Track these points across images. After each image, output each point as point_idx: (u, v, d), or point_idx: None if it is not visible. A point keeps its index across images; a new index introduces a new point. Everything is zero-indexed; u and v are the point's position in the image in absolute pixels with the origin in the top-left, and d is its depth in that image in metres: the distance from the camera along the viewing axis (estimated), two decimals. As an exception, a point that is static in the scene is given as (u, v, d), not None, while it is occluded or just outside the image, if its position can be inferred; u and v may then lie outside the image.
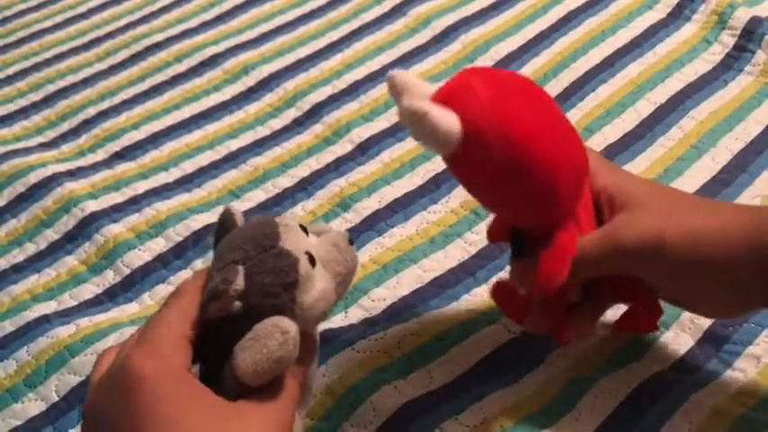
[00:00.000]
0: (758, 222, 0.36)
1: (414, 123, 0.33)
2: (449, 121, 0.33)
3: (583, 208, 0.39)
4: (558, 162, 0.36)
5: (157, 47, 0.78)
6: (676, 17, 0.71)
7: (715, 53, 0.67)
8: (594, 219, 0.40)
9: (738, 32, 0.67)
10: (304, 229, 0.37)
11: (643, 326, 0.45)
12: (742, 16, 0.68)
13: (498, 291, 0.44)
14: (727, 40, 0.67)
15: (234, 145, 0.65)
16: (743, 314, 0.43)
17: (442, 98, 0.34)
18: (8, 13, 0.88)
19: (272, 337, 0.32)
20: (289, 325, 0.33)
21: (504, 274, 0.51)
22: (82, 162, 0.65)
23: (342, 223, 0.56)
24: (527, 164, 0.35)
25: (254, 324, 0.33)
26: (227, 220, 0.38)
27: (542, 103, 0.37)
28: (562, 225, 0.38)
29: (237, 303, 0.34)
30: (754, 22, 0.67)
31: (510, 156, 0.34)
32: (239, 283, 0.33)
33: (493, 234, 0.44)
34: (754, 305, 0.39)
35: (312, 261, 0.35)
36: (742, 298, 0.38)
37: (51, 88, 0.75)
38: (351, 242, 0.37)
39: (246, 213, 0.58)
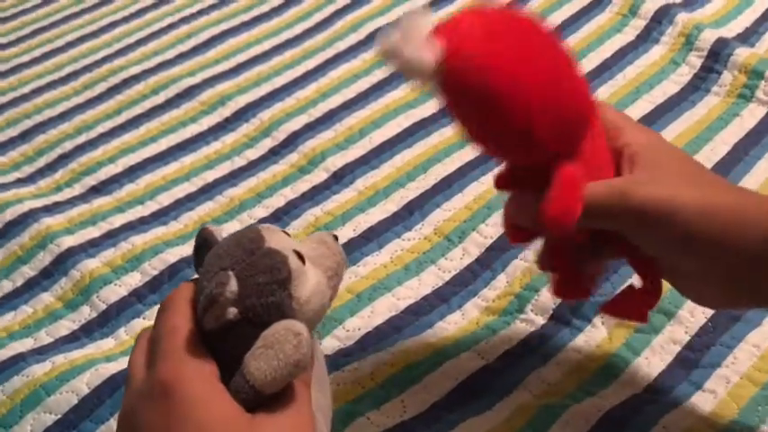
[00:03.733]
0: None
1: (389, 58, 0.34)
2: (426, 53, 0.33)
3: (593, 154, 0.38)
4: (534, 104, 0.34)
5: (134, 79, 0.79)
6: (645, 39, 0.73)
7: (683, 74, 0.68)
8: (613, 169, 0.39)
9: (705, 54, 0.68)
10: (287, 234, 0.37)
11: (635, 312, 0.41)
12: (708, 38, 0.69)
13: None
14: (695, 61, 0.68)
15: (210, 176, 0.66)
16: (735, 306, 0.42)
17: (435, 29, 0.35)
18: (-14, 48, 0.89)
19: (286, 341, 0.32)
20: (300, 327, 0.32)
21: (478, 300, 0.52)
22: (58, 197, 0.66)
23: (317, 253, 0.57)
24: (499, 98, 0.34)
25: (254, 328, 0.33)
26: (207, 238, 0.37)
27: (536, 46, 0.36)
28: (561, 163, 0.37)
29: (233, 310, 0.33)
30: (720, 43, 0.68)
31: (485, 86, 0.34)
32: (233, 285, 0.32)
33: (501, 179, 0.42)
34: (749, 299, 0.38)
35: (301, 258, 0.35)
36: (741, 286, 0.36)
37: (29, 123, 0.75)
38: (336, 238, 0.37)
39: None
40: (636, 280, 0.40)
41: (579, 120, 0.37)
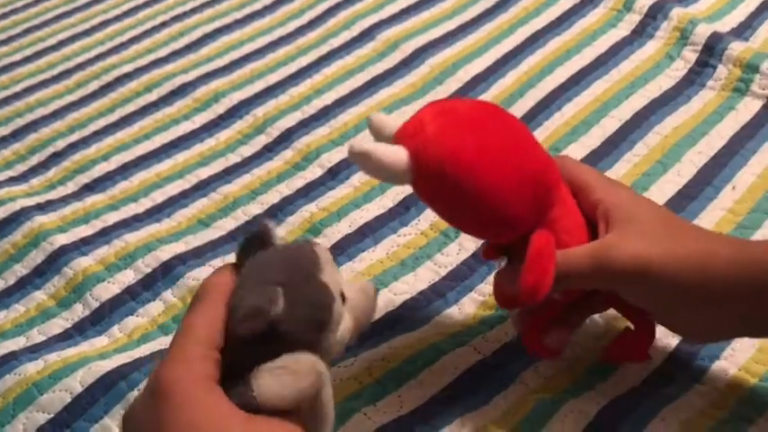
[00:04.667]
0: (740, 251, 0.38)
1: (360, 163, 0.37)
2: (394, 157, 0.37)
3: (564, 217, 0.40)
4: (503, 186, 0.37)
5: (127, 77, 0.78)
6: (639, 34, 0.73)
7: (678, 69, 0.68)
8: (585, 229, 0.41)
9: (700, 48, 0.68)
10: (334, 263, 0.38)
11: (635, 353, 0.44)
12: (703, 32, 0.69)
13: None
14: (689, 55, 0.68)
15: (204, 173, 0.65)
16: (725, 338, 0.44)
17: (398, 133, 0.38)
18: (-23, 47, 0.88)
19: (309, 375, 0.33)
20: (324, 367, 0.33)
21: (474, 295, 0.51)
22: (51, 195, 0.65)
23: (312, 249, 0.56)
24: (467, 190, 0.37)
25: (279, 347, 0.33)
26: (263, 235, 0.36)
27: (492, 131, 0.38)
28: (536, 232, 0.39)
29: (269, 319, 0.33)
30: (715, 37, 0.68)
31: (451, 184, 0.37)
32: (280, 304, 0.33)
33: (487, 252, 0.45)
34: (734, 331, 0.41)
35: (343, 300, 0.36)
36: (722, 324, 0.39)
37: (20, 122, 0.75)
38: (376, 292, 0.39)
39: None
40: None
41: (548, 192, 0.40)
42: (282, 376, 0.32)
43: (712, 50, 0.67)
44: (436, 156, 0.37)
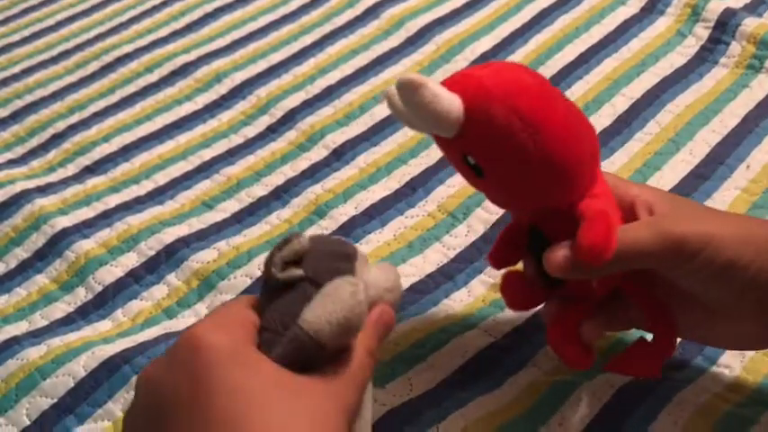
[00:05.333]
0: None
1: (412, 98, 0.33)
2: (450, 97, 0.33)
3: (604, 193, 0.37)
4: (571, 133, 0.34)
5: (128, 57, 0.77)
6: (650, 11, 0.71)
7: (689, 46, 0.66)
8: (620, 214, 0.37)
9: (712, 24, 0.67)
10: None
11: (647, 367, 0.39)
12: (715, 8, 0.67)
13: (508, 283, 0.41)
14: (701, 32, 0.67)
15: (207, 155, 0.64)
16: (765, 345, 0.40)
17: (449, 81, 0.35)
18: (-26, 28, 0.87)
19: (343, 288, 0.32)
20: (356, 280, 0.33)
21: (484, 277, 0.50)
22: (52, 178, 0.64)
23: (318, 231, 0.55)
24: (540, 136, 0.33)
25: (316, 290, 0.33)
26: (296, 252, 0.35)
27: (550, 89, 0.35)
28: (582, 201, 0.36)
29: (299, 272, 0.33)
30: (728, 13, 0.66)
31: (519, 126, 0.33)
32: (304, 239, 0.34)
33: (498, 258, 0.41)
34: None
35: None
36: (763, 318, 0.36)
37: (20, 103, 0.73)
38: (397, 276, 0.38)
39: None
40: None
41: (597, 155, 0.36)
42: (323, 300, 0.32)
43: (725, 27, 0.66)
44: (499, 94, 0.33)
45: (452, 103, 0.33)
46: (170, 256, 0.54)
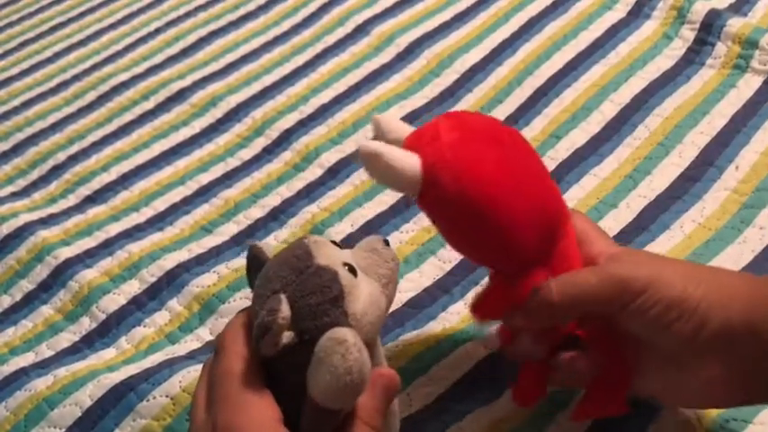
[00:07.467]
0: (754, 296, 0.35)
1: (369, 164, 0.34)
2: (407, 162, 0.34)
3: (565, 257, 0.38)
4: (518, 210, 0.35)
5: (124, 86, 0.78)
6: (636, 15, 0.72)
7: (676, 48, 0.67)
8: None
9: (698, 26, 0.67)
10: (336, 244, 0.36)
11: (612, 405, 0.39)
12: (700, 10, 0.68)
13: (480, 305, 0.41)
14: (687, 34, 0.67)
15: (205, 179, 0.65)
16: (726, 405, 0.40)
17: (410, 140, 0.36)
18: (-26, 63, 0.88)
19: (333, 352, 0.31)
20: (344, 334, 0.31)
21: (480, 288, 0.51)
22: (53, 209, 0.65)
23: (315, 250, 0.56)
24: (482, 208, 0.34)
25: (310, 344, 0.32)
26: (256, 257, 0.36)
27: (511, 151, 0.36)
28: (530, 271, 0.37)
29: (289, 334, 0.32)
30: (713, 14, 0.67)
31: (465, 201, 0.34)
32: (285, 310, 0.32)
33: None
34: (742, 394, 0.36)
35: (353, 271, 0.34)
36: (731, 376, 0.35)
37: (20, 136, 0.75)
38: (387, 243, 0.37)
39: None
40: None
41: (559, 219, 0.37)
42: (318, 369, 0.31)
43: (710, 28, 0.66)
44: (453, 167, 0.34)
45: (410, 168, 0.34)
46: (171, 282, 0.55)
